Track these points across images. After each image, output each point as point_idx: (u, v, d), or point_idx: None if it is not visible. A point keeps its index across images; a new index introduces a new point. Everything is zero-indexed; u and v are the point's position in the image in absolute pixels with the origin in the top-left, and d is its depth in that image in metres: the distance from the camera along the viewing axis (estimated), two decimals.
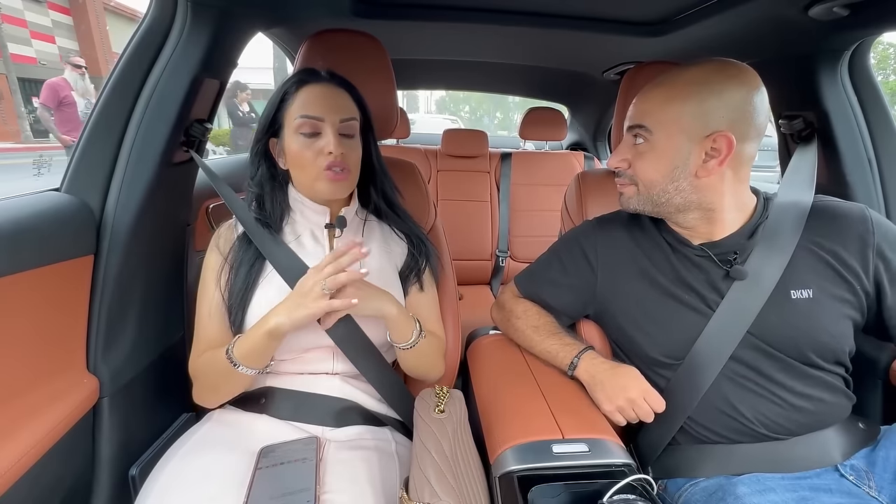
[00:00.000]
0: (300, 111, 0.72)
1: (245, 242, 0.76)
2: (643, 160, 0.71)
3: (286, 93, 0.73)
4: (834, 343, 0.68)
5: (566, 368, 0.78)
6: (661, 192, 0.71)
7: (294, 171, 0.76)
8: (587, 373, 0.75)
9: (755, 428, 0.67)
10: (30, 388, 0.62)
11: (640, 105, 0.72)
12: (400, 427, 0.81)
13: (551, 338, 0.82)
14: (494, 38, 1.37)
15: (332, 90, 0.74)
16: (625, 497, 0.53)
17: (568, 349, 0.78)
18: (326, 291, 0.64)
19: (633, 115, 0.73)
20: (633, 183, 0.74)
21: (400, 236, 0.86)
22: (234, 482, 0.60)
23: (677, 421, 0.71)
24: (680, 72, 0.70)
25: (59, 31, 14.97)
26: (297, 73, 0.76)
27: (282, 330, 0.65)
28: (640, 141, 0.72)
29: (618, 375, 0.71)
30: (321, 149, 0.71)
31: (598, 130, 2.28)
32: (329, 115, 0.72)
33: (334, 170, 0.71)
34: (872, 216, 0.70)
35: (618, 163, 0.75)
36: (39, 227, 0.62)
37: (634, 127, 0.72)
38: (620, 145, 0.76)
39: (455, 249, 1.09)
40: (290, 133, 0.73)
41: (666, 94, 0.69)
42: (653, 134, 0.70)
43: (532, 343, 0.85)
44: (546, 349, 0.81)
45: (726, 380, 0.68)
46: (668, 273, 0.74)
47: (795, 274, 0.68)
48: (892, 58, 12.94)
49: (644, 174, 0.72)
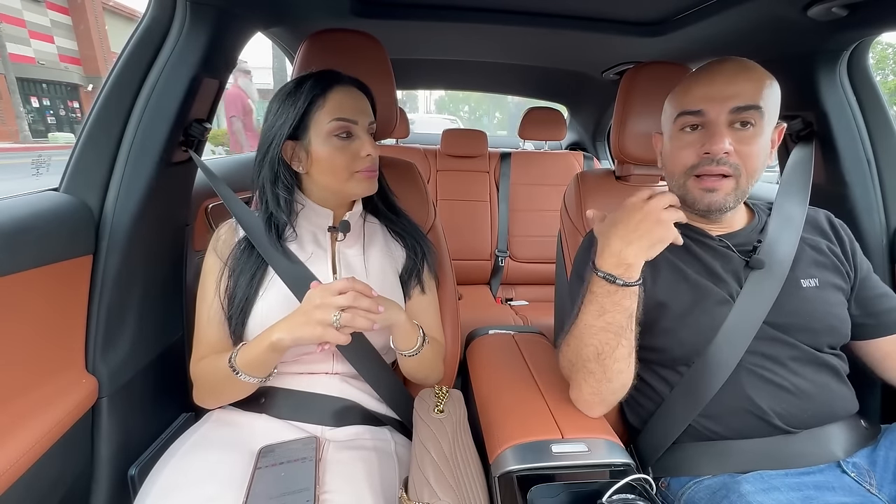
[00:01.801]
0: (334, 114, 0.70)
1: (246, 248, 0.75)
2: (753, 145, 0.65)
3: (315, 96, 0.70)
4: (841, 327, 0.70)
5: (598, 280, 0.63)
6: (754, 183, 0.68)
7: (321, 174, 0.73)
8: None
9: (769, 419, 0.67)
10: (29, 388, 0.62)
11: (749, 84, 0.64)
12: (399, 427, 0.81)
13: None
14: (494, 38, 1.37)
15: (356, 93, 0.74)
16: (624, 497, 0.53)
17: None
18: (336, 324, 0.61)
19: (744, 93, 0.64)
20: (735, 174, 0.66)
21: (397, 239, 0.86)
22: (234, 482, 0.60)
23: (687, 418, 0.71)
24: (747, 60, 0.67)
25: (57, 31, 14.97)
26: (320, 78, 0.72)
27: (283, 345, 0.64)
28: (750, 124, 0.64)
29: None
30: (356, 152, 0.72)
31: (598, 130, 2.28)
32: (361, 118, 0.72)
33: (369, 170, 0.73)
34: (839, 222, 0.78)
35: (726, 147, 0.64)
36: (38, 226, 0.62)
37: (749, 108, 0.64)
38: (716, 128, 0.65)
39: (454, 249, 1.09)
40: (320, 137, 0.70)
41: (763, 76, 0.65)
42: (763, 116, 0.64)
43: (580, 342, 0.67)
44: (580, 321, 0.66)
45: (743, 371, 0.68)
46: (693, 265, 0.74)
47: (801, 265, 0.71)
48: (891, 58, 12.97)
49: (753, 162, 0.65)
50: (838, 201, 0.94)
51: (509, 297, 2.02)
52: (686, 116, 0.68)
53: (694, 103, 0.67)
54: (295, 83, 0.72)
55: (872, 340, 0.73)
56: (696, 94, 0.67)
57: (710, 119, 0.66)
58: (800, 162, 0.87)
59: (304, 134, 0.71)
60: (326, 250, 0.78)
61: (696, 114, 0.67)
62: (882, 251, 0.91)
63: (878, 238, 0.92)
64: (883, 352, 0.73)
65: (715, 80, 0.66)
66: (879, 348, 0.73)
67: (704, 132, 0.67)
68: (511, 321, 1.68)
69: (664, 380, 0.74)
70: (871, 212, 0.92)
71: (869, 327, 0.73)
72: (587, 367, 0.66)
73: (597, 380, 0.65)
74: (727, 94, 0.64)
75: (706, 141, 0.66)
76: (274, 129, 0.71)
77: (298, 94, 0.70)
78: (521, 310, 1.83)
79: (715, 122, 0.65)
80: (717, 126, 0.65)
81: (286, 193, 0.73)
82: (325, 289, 0.63)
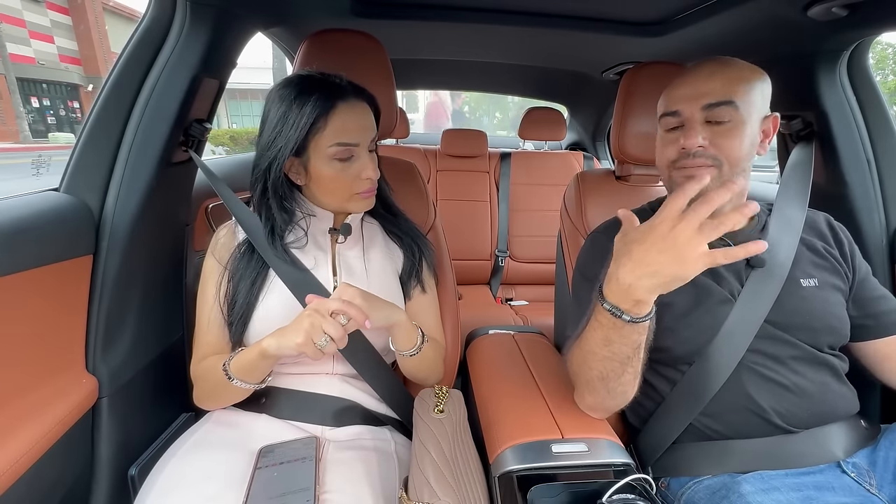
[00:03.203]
0: (335, 138, 0.68)
1: (246, 252, 0.74)
2: (729, 137, 0.67)
3: (317, 117, 0.66)
4: (841, 327, 0.71)
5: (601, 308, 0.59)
6: (739, 172, 0.70)
7: (318, 190, 0.73)
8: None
9: (770, 418, 0.67)
10: (29, 388, 0.62)
11: (721, 82, 0.67)
12: (399, 427, 0.81)
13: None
14: (494, 38, 1.37)
15: (360, 107, 0.71)
16: (624, 497, 0.53)
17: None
18: (321, 348, 0.60)
19: (715, 91, 0.67)
20: (716, 164, 0.68)
21: (395, 239, 0.86)
22: (234, 482, 0.60)
23: (688, 417, 0.71)
24: (728, 58, 0.70)
25: (57, 31, 14.98)
26: (321, 96, 0.67)
27: (270, 353, 0.63)
28: (726, 119, 0.67)
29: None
30: (357, 173, 0.71)
31: (598, 130, 2.28)
32: (363, 139, 0.71)
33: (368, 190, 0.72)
34: (839, 225, 0.79)
35: (700, 142, 0.67)
36: (38, 227, 0.62)
37: (720, 104, 0.67)
38: (690, 125, 0.69)
39: (454, 249, 1.09)
40: (320, 159, 0.69)
41: (740, 73, 0.68)
42: (739, 110, 0.67)
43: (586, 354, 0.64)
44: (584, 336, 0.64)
45: (744, 369, 0.69)
46: None
47: (800, 266, 0.72)
48: (891, 58, 12.96)
49: (731, 152, 0.67)
50: (838, 201, 0.94)
51: (509, 297, 2.02)
52: (667, 118, 0.73)
53: (672, 104, 0.71)
54: (297, 90, 0.67)
55: (871, 342, 0.73)
56: (674, 96, 0.71)
57: (685, 117, 0.70)
58: (800, 162, 0.87)
59: (304, 152, 0.69)
60: (327, 252, 0.78)
61: (674, 114, 0.71)
62: (882, 251, 0.91)
63: (878, 238, 0.92)
64: (882, 353, 0.73)
65: (691, 80, 0.70)
66: (878, 350, 0.73)
67: (682, 130, 0.71)
68: (511, 321, 1.68)
69: (665, 379, 0.74)
70: (871, 212, 0.92)
71: (867, 328, 0.73)
72: (591, 384, 0.65)
73: (601, 397, 0.66)
74: (700, 93, 0.68)
75: (682, 137, 0.69)
76: (274, 148, 0.67)
77: (301, 110, 0.66)
78: (521, 310, 1.83)
79: (690, 119, 0.69)
80: (691, 123, 0.69)
81: (288, 203, 0.73)
82: (314, 309, 0.62)
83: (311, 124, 0.66)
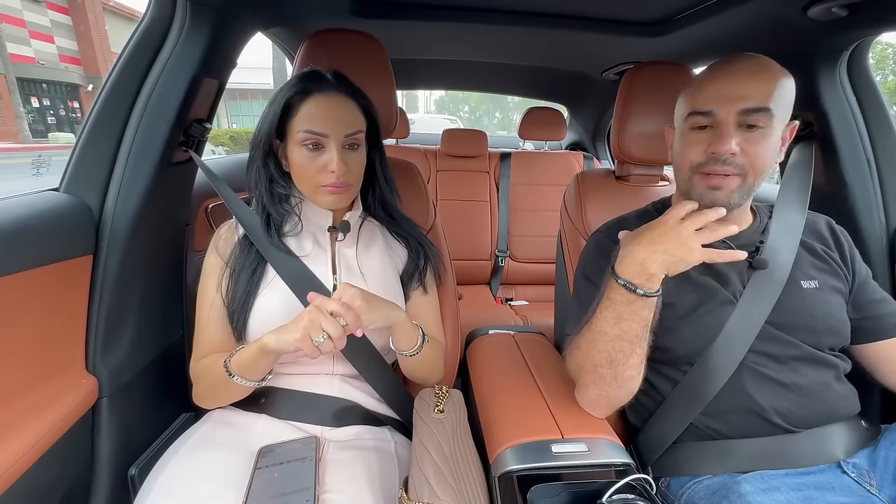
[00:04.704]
0: (304, 125, 0.69)
1: (246, 246, 0.75)
2: (760, 145, 0.64)
3: (290, 102, 0.70)
4: (842, 329, 0.71)
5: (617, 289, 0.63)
6: (762, 181, 0.68)
7: (296, 179, 0.75)
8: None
9: (770, 418, 0.67)
10: (29, 388, 0.62)
11: (760, 86, 0.64)
12: (399, 427, 0.81)
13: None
14: (494, 38, 1.37)
15: (338, 100, 0.71)
16: (624, 497, 0.53)
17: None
18: (318, 345, 0.60)
19: (754, 95, 0.64)
20: (741, 173, 0.66)
21: (399, 240, 0.86)
22: (234, 482, 0.60)
23: (688, 417, 0.71)
24: (764, 58, 0.66)
25: (57, 31, 14.98)
26: (302, 80, 0.71)
27: (269, 348, 0.63)
28: (760, 125, 0.64)
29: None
30: (324, 165, 0.70)
31: (598, 130, 2.28)
32: (334, 131, 0.70)
33: (334, 185, 0.71)
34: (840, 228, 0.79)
35: (733, 148, 0.64)
36: (38, 226, 0.62)
37: (758, 110, 0.63)
38: (724, 130, 0.65)
39: (454, 249, 1.09)
40: (293, 143, 0.71)
41: (776, 76, 0.65)
42: (773, 118, 0.64)
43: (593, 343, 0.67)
44: (593, 327, 0.67)
45: (745, 369, 0.69)
46: (698, 265, 0.73)
47: (801, 267, 0.72)
48: (891, 58, 12.96)
49: (759, 160, 0.65)
50: (838, 202, 0.94)
51: (509, 297, 2.02)
52: (696, 116, 0.67)
53: (705, 103, 0.66)
54: (290, 81, 0.73)
55: (870, 344, 0.73)
56: (707, 94, 0.67)
57: (718, 119, 0.65)
58: (800, 162, 0.87)
59: (284, 137, 0.73)
60: (326, 250, 0.78)
61: (705, 114, 0.66)
62: (882, 251, 0.91)
63: (878, 238, 0.92)
64: (881, 356, 0.73)
65: (727, 80, 0.65)
66: (878, 352, 0.73)
67: (713, 132, 0.66)
68: (511, 321, 1.68)
69: (666, 379, 0.74)
70: (871, 212, 0.92)
71: (866, 331, 0.73)
72: (598, 371, 0.65)
73: (607, 384, 0.66)
74: (737, 96, 0.64)
75: (714, 141, 0.65)
76: (261, 128, 0.73)
77: (280, 93, 0.71)
78: (521, 310, 1.83)
79: (723, 122, 0.65)
80: (725, 127, 0.64)
81: (280, 189, 0.75)
82: (315, 308, 0.62)
83: (283, 107, 0.70)
